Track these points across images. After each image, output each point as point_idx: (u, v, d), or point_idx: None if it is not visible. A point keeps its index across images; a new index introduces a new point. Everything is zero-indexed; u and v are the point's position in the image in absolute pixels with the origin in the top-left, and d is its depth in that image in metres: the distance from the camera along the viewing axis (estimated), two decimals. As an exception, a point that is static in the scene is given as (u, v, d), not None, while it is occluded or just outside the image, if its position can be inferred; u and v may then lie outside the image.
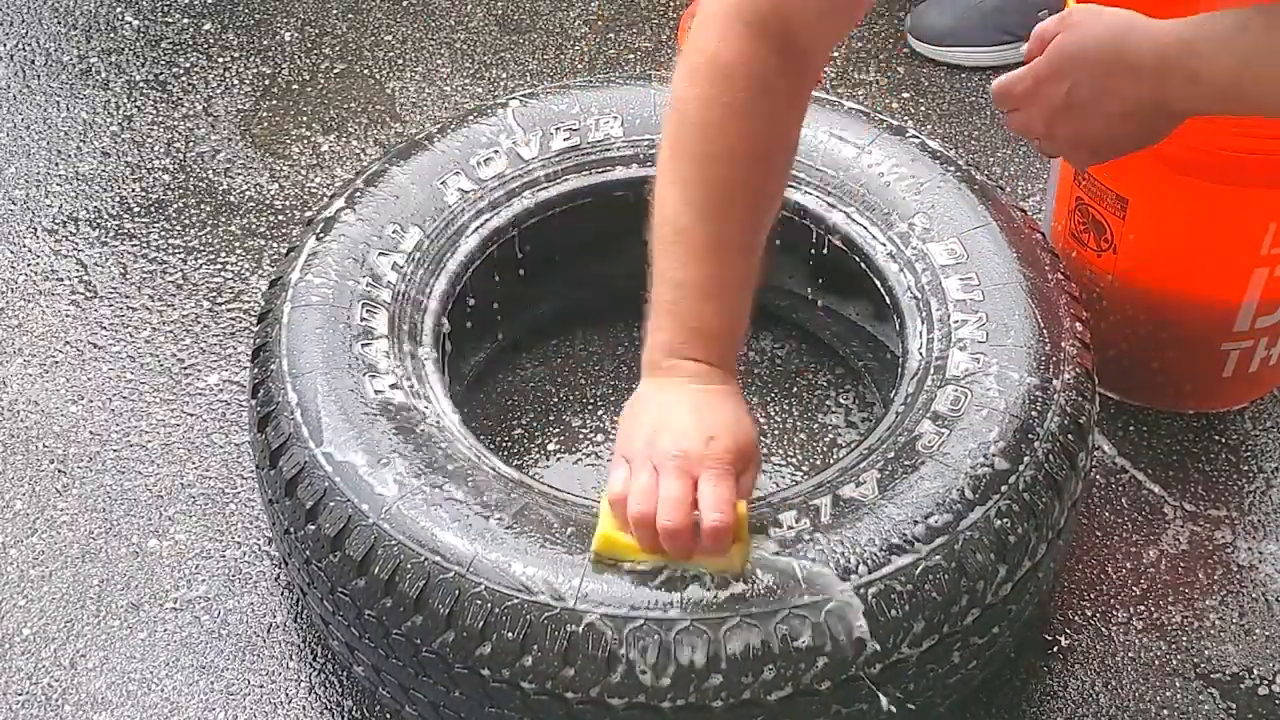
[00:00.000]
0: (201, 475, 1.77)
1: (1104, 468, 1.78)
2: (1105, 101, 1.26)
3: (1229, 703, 1.58)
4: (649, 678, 1.28)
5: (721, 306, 1.31)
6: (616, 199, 1.71)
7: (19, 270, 2.01)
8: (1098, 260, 1.75)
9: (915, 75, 2.31)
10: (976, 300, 1.54)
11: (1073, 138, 1.32)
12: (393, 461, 1.39)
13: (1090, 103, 1.27)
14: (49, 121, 2.22)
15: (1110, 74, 1.25)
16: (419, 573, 1.32)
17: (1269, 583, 1.68)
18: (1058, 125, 1.31)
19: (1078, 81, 1.27)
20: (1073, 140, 1.33)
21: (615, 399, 1.84)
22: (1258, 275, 1.68)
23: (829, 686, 1.31)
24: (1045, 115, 1.32)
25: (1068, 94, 1.28)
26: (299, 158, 2.17)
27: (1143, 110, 1.25)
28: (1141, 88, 1.24)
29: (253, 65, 2.31)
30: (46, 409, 1.85)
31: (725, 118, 1.26)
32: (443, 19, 2.41)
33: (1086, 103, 1.27)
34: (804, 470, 1.77)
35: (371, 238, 1.59)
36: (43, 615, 1.65)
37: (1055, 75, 1.29)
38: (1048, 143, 1.35)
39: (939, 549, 1.34)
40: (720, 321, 1.31)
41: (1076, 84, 1.27)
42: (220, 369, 1.89)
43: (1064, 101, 1.29)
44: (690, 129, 1.28)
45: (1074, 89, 1.28)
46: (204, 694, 1.58)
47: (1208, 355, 1.78)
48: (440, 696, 1.38)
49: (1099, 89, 1.26)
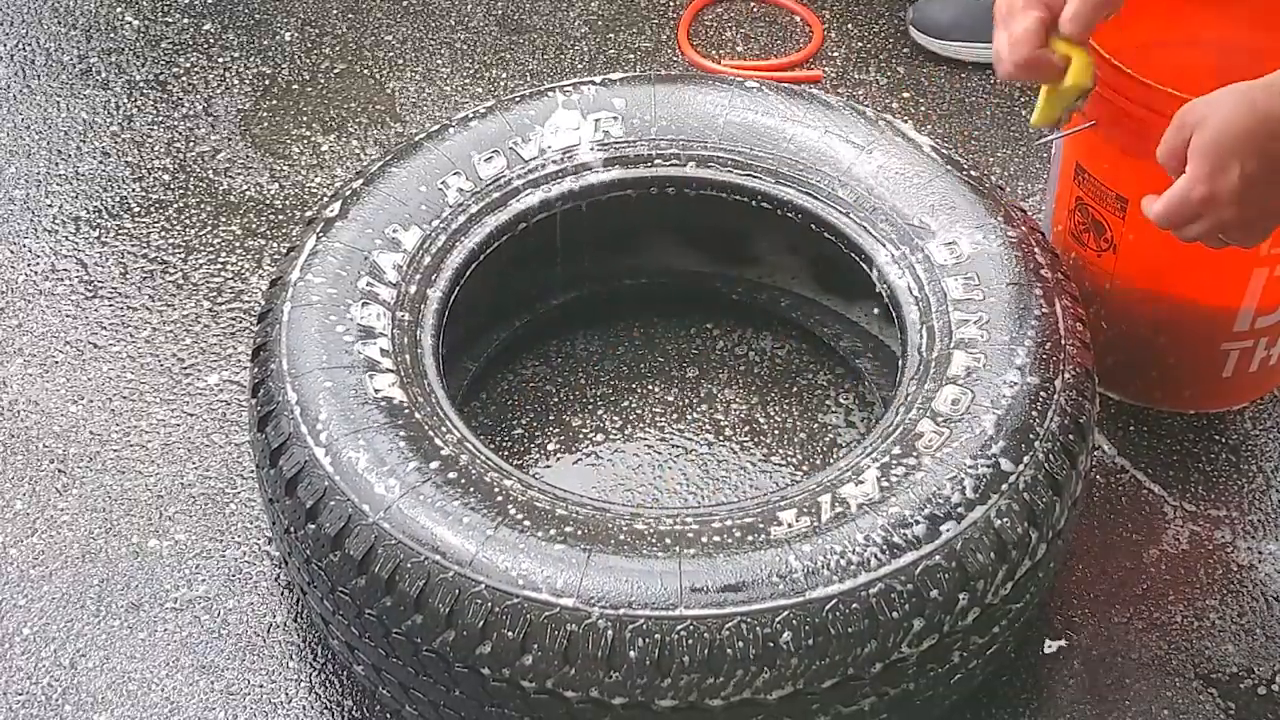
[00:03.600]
0: (201, 475, 1.77)
1: (1104, 468, 1.78)
2: (1275, 163, 1.27)
3: (1229, 703, 1.58)
4: (649, 677, 1.28)
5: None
6: (618, 198, 1.71)
7: (19, 270, 2.01)
8: (1098, 260, 1.75)
9: (915, 75, 2.31)
10: (977, 300, 1.54)
11: (1267, 210, 1.31)
12: (393, 461, 1.39)
13: (1264, 172, 1.27)
14: (49, 121, 2.22)
15: (1262, 137, 1.26)
16: (419, 572, 1.32)
17: (1269, 583, 1.68)
18: (1249, 209, 1.30)
19: (1243, 159, 1.27)
20: (1266, 213, 1.32)
21: (615, 399, 1.84)
22: (1258, 276, 1.68)
23: (829, 686, 1.31)
24: (1234, 206, 1.29)
25: (1242, 176, 1.27)
26: (299, 158, 2.17)
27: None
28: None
29: (253, 65, 2.31)
30: (46, 409, 1.85)
31: None
32: (443, 19, 2.41)
33: (1262, 173, 1.27)
34: (804, 470, 1.77)
35: (372, 237, 1.59)
36: (43, 615, 1.65)
37: (1221, 169, 1.28)
38: (1244, 229, 1.33)
39: (939, 549, 1.34)
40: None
41: (1243, 162, 1.27)
42: (220, 369, 1.89)
43: (1242, 185, 1.28)
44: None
45: (1244, 168, 1.27)
46: (204, 694, 1.58)
47: (1208, 355, 1.78)
48: (440, 696, 1.38)
49: (1264, 156, 1.26)
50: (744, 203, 1.71)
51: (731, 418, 1.83)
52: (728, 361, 1.89)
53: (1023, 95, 2.27)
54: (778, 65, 2.32)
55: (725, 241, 1.86)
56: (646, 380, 1.87)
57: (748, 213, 1.72)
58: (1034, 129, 1.49)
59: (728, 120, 1.72)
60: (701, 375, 1.88)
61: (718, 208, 1.73)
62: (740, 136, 1.71)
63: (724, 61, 2.32)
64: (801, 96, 1.76)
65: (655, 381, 1.87)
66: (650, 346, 1.91)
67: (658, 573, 1.31)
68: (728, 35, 2.38)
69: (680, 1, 2.42)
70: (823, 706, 1.33)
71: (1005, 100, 2.26)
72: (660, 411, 1.84)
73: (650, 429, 1.82)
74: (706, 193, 1.71)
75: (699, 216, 1.79)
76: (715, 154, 1.71)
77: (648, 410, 1.84)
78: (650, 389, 1.86)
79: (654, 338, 1.91)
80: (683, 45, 2.34)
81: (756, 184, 1.70)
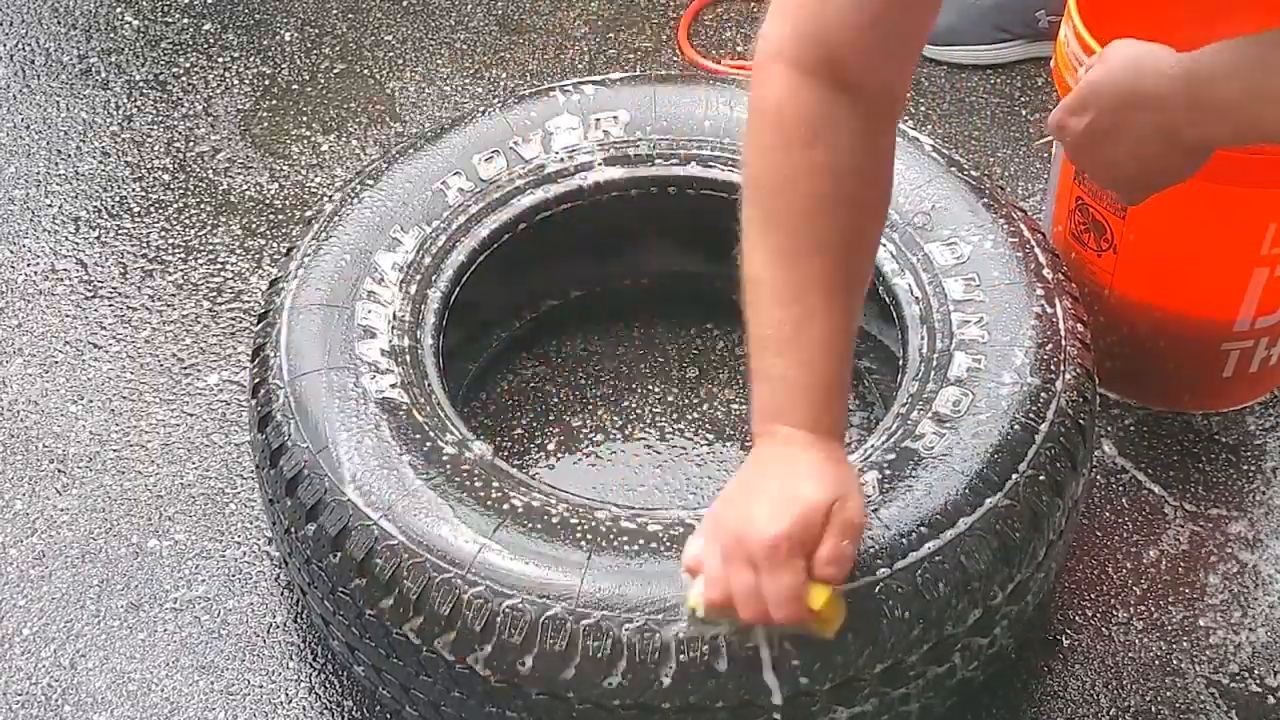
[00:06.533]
0: (201, 475, 1.77)
1: (1104, 468, 1.78)
2: (1120, 133, 1.28)
3: (1229, 702, 1.58)
4: (650, 678, 1.28)
5: (804, 359, 1.21)
6: (619, 198, 1.71)
7: (19, 270, 2.01)
8: (1098, 260, 1.75)
9: (915, 75, 2.31)
10: (977, 301, 1.54)
11: (1101, 170, 1.34)
12: (393, 462, 1.39)
13: (1110, 134, 1.28)
14: (49, 121, 2.22)
15: (1125, 105, 1.27)
16: (419, 573, 1.32)
17: (1269, 583, 1.68)
18: (1081, 157, 1.33)
19: (1100, 112, 1.29)
20: (1101, 173, 1.34)
21: (615, 399, 1.84)
22: (1258, 275, 1.68)
23: (829, 687, 1.31)
24: (1072, 147, 1.33)
25: (1089, 125, 1.29)
26: (299, 158, 2.17)
27: (1155, 140, 1.26)
28: (1150, 119, 1.25)
29: (253, 65, 2.31)
30: (46, 409, 1.84)
31: (798, 170, 1.20)
32: (443, 19, 2.40)
33: (1107, 133, 1.29)
34: (804, 470, 1.77)
35: (372, 237, 1.59)
36: (43, 615, 1.65)
37: (1078, 108, 1.31)
38: (1083, 169, 1.35)
39: (939, 550, 1.34)
40: (808, 377, 1.21)
41: (1097, 115, 1.29)
42: (220, 369, 1.89)
43: (1087, 134, 1.30)
44: (764, 187, 1.22)
45: (1094, 120, 1.29)
46: (204, 694, 1.58)
47: (1208, 355, 1.78)
48: (440, 696, 1.38)
49: (1114, 121, 1.28)
50: (744, 203, 1.71)
51: (731, 418, 1.83)
52: (728, 361, 1.89)
53: (1023, 95, 2.27)
54: (778, 65, 2.31)
55: (726, 241, 1.85)
56: (646, 380, 1.87)
57: (748, 213, 1.72)
58: None
59: (728, 120, 1.72)
60: (701, 375, 1.88)
61: (718, 208, 1.72)
62: (740, 136, 1.71)
63: (724, 61, 2.32)
64: (802, 96, 1.76)
65: (655, 381, 1.87)
66: (650, 346, 1.91)
67: (658, 574, 1.30)
68: (728, 35, 2.37)
69: (680, 1, 2.41)
70: (822, 708, 1.32)
71: (1005, 100, 2.26)
72: (660, 411, 1.83)
73: (650, 429, 1.82)
74: (707, 192, 1.71)
75: (700, 216, 1.79)
76: (716, 154, 1.71)
77: (648, 410, 1.84)
78: (650, 389, 1.86)
79: (654, 338, 1.91)
80: (683, 45, 2.34)
81: (757, 184, 1.69)
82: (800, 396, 1.21)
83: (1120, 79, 1.28)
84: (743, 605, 1.19)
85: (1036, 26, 2.26)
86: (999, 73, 2.30)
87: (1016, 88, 2.28)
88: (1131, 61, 1.28)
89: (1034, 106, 2.24)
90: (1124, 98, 1.27)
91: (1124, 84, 1.27)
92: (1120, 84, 1.27)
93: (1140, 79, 1.26)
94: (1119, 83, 1.27)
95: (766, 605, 1.18)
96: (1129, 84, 1.27)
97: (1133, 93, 1.26)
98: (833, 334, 1.22)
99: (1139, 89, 1.26)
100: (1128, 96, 1.27)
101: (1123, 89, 1.27)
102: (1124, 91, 1.27)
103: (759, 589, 1.17)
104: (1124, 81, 1.27)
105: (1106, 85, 1.29)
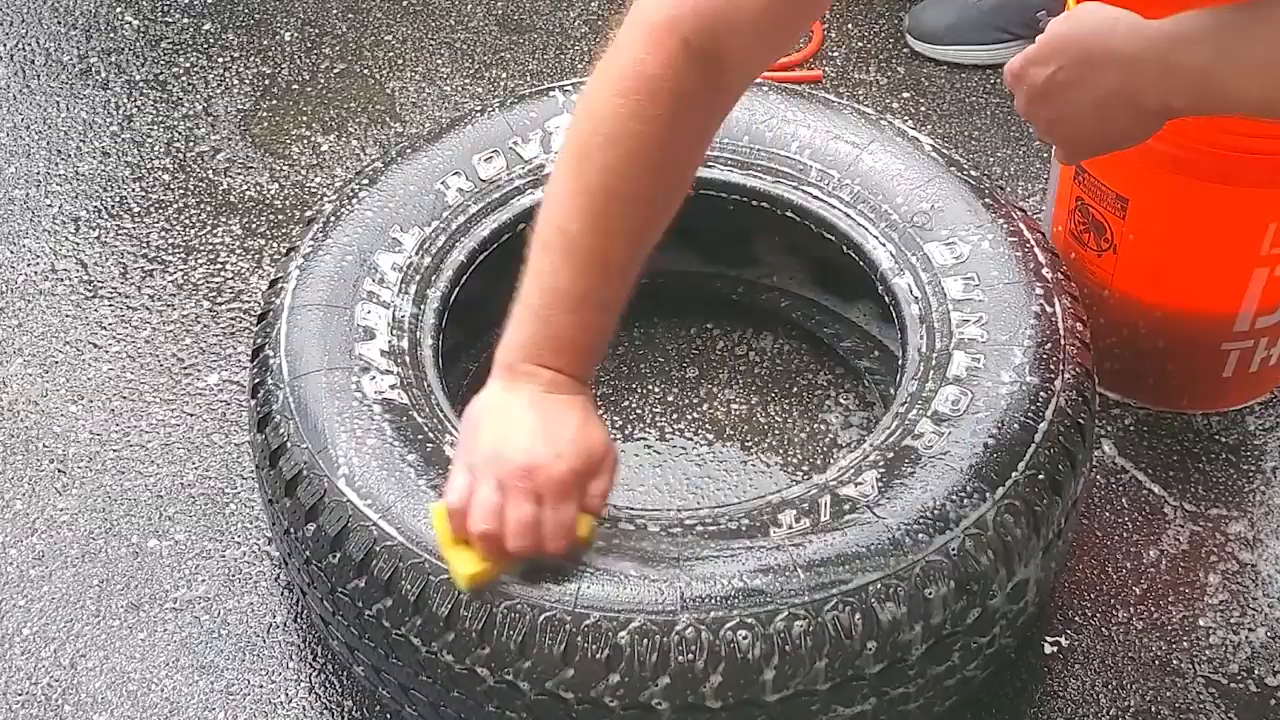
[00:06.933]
0: (201, 475, 1.77)
1: (1104, 468, 1.78)
2: (1081, 89, 1.28)
3: (1229, 702, 1.58)
4: (648, 678, 1.28)
5: (591, 321, 1.29)
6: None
7: (19, 270, 2.01)
8: (1098, 260, 1.75)
9: (915, 75, 2.31)
10: (976, 300, 1.54)
11: (1049, 123, 1.34)
12: (392, 462, 1.39)
13: (1067, 88, 1.29)
14: (49, 121, 2.22)
15: (1089, 61, 1.27)
16: (419, 573, 1.32)
17: (1269, 583, 1.68)
18: (1037, 108, 1.33)
19: (1062, 65, 1.29)
20: (1049, 126, 1.34)
21: (615, 399, 1.84)
22: (1258, 275, 1.68)
23: (829, 686, 1.31)
24: (1029, 97, 1.33)
25: (1048, 77, 1.30)
26: (299, 158, 2.17)
27: (1115, 102, 1.27)
28: (1115, 77, 1.26)
29: (253, 65, 2.31)
30: (46, 409, 1.85)
31: (638, 129, 1.22)
32: (443, 19, 2.41)
33: (1065, 88, 1.29)
34: (804, 470, 1.77)
35: (371, 237, 1.59)
36: (43, 615, 1.65)
37: (1042, 58, 1.31)
38: (1032, 124, 1.36)
39: (939, 549, 1.33)
40: (586, 337, 1.29)
41: (1060, 68, 1.29)
42: (220, 369, 1.89)
43: (1045, 85, 1.30)
44: (599, 135, 1.24)
45: (1055, 73, 1.30)
46: (204, 694, 1.58)
47: (1208, 355, 1.78)
48: (440, 696, 1.38)
49: (1077, 75, 1.28)
50: (744, 203, 1.71)
51: (731, 418, 1.83)
52: (728, 361, 1.89)
53: (1023, 95, 2.27)
54: (778, 65, 2.31)
55: (725, 241, 1.86)
56: (646, 380, 1.87)
57: (748, 212, 1.72)
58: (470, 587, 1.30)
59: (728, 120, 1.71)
60: (701, 375, 1.88)
61: (718, 208, 1.73)
62: (740, 136, 1.71)
63: (724, 61, 2.32)
64: (801, 96, 1.76)
65: (655, 381, 1.87)
66: (650, 346, 1.91)
67: (657, 574, 1.30)
68: (728, 35, 2.37)
69: (680, 1, 2.41)
70: (822, 707, 1.32)
71: (1005, 100, 2.26)
72: (660, 411, 1.84)
73: (650, 429, 1.82)
74: (706, 193, 1.71)
75: (699, 216, 1.78)
76: (715, 154, 1.71)
77: (648, 410, 1.84)
78: (650, 389, 1.86)
79: (654, 338, 1.91)
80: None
81: (756, 184, 1.70)
82: (582, 352, 1.30)
83: (1091, 35, 1.27)
84: (518, 536, 1.24)
85: (1037, 27, 2.26)
86: (999, 73, 2.28)
87: (1016, 87, 2.28)
88: (1106, 20, 1.27)
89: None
90: (1093, 53, 1.27)
91: (1095, 40, 1.27)
92: (1090, 39, 1.27)
93: (1112, 36, 1.25)
94: (1089, 38, 1.27)
95: (543, 537, 1.25)
96: (1100, 40, 1.26)
97: (1104, 49, 1.26)
98: (619, 300, 1.29)
99: (1110, 46, 1.25)
100: (1097, 52, 1.26)
101: (1093, 45, 1.27)
102: (1094, 47, 1.27)
103: (538, 521, 1.25)
104: (1095, 37, 1.27)
105: (1075, 39, 1.28)
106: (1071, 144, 1.36)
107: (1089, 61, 1.27)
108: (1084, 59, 1.27)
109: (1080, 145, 1.36)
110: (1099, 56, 1.26)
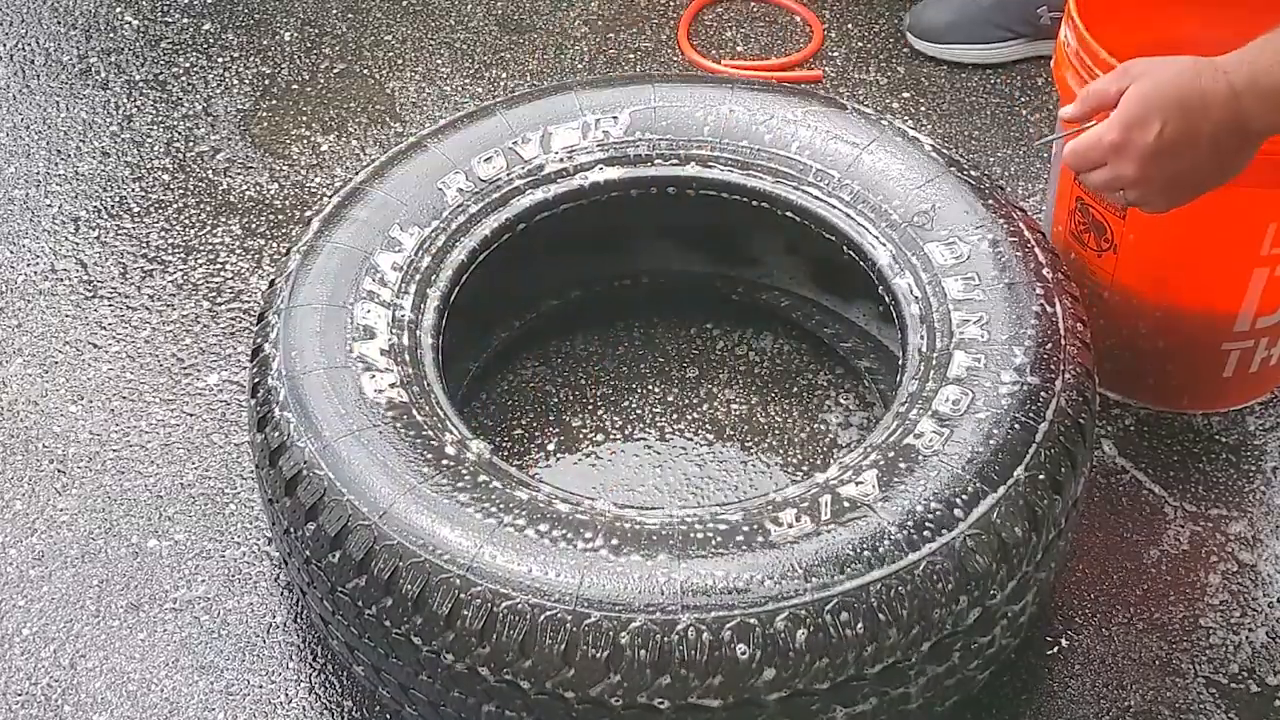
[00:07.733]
0: (201, 475, 1.77)
1: (1104, 468, 1.78)
2: (1194, 136, 1.30)
3: (1229, 702, 1.58)
4: (648, 678, 1.28)
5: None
6: (618, 198, 1.71)
7: (19, 270, 2.01)
8: (1098, 260, 1.75)
9: (915, 75, 2.31)
10: (977, 300, 1.54)
11: (1169, 179, 1.35)
12: (392, 461, 1.39)
13: (1181, 139, 1.30)
14: (49, 121, 2.22)
15: (1189, 108, 1.29)
16: (419, 573, 1.32)
17: (1269, 583, 1.68)
18: (1152, 168, 1.33)
19: (1166, 121, 1.30)
20: (1168, 182, 1.35)
21: (615, 399, 1.84)
22: (1258, 275, 1.68)
23: (829, 686, 1.31)
24: (1139, 161, 1.33)
25: (1158, 136, 1.31)
26: (299, 158, 2.17)
27: (1228, 137, 1.30)
28: (1220, 114, 1.28)
29: (253, 65, 2.31)
30: (46, 409, 1.85)
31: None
32: (443, 19, 2.41)
33: (1178, 140, 1.30)
34: (804, 470, 1.77)
35: (371, 237, 1.59)
36: (43, 615, 1.65)
37: (1140, 121, 1.32)
38: (1141, 188, 1.36)
39: (939, 549, 1.33)
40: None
41: (1165, 124, 1.30)
42: (220, 369, 1.89)
43: (1155, 145, 1.31)
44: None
45: (1163, 130, 1.30)
46: (204, 694, 1.58)
47: (1208, 355, 1.78)
48: (440, 696, 1.38)
49: (1185, 125, 1.30)
50: (744, 203, 1.71)
51: (731, 418, 1.83)
52: (728, 361, 1.89)
53: (1023, 95, 2.27)
54: (778, 65, 2.32)
55: (725, 241, 1.86)
56: (646, 380, 1.87)
57: (748, 213, 1.72)
58: None
59: (728, 120, 1.72)
60: (701, 375, 1.88)
61: (718, 208, 1.73)
62: (740, 136, 1.71)
63: (724, 61, 2.32)
64: (801, 96, 1.76)
65: (655, 381, 1.87)
66: (650, 346, 1.91)
67: (657, 573, 1.30)
68: (728, 35, 2.37)
69: (680, 1, 2.42)
70: (822, 707, 1.32)
71: (1005, 100, 2.26)
72: (660, 411, 1.83)
73: (650, 429, 1.82)
74: (706, 193, 1.71)
75: (699, 216, 1.79)
76: (715, 154, 1.71)
77: (648, 410, 1.84)
78: (650, 389, 1.86)
79: (654, 338, 1.91)
80: (683, 45, 2.34)
81: (756, 184, 1.70)
82: None
83: (1175, 84, 1.30)
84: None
85: (1038, 23, 2.26)
86: (999, 73, 2.30)
87: (1016, 87, 2.28)
88: (1178, 68, 1.30)
89: (1034, 106, 2.24)
90: (1188, 100, 1.29)
91: (1184, 88, 1.29)
92: (1180, 89, 1.29)
93: (1198, 80, 1.28)
94: (1178, 88, 1.29)
95: None
96: (1189, 86, 1.29)
97: (1197, 93, 1.28)
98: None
99: (1201, 87, 1.28)
100: (1193, 98, 1.29)
101: (1185, 93, 1.29)
102: (1187, 94, 1.29)
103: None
104: (1183, 86, 1.29)
105: (1165, 93, 1.30)
106: (1189, 190, 1.37)
107: (1189, 108, 1.29)
108: (1184, 108, 1.29)
109: (1195, 187, 1.37)
110: (1195, 101, 1.28)
